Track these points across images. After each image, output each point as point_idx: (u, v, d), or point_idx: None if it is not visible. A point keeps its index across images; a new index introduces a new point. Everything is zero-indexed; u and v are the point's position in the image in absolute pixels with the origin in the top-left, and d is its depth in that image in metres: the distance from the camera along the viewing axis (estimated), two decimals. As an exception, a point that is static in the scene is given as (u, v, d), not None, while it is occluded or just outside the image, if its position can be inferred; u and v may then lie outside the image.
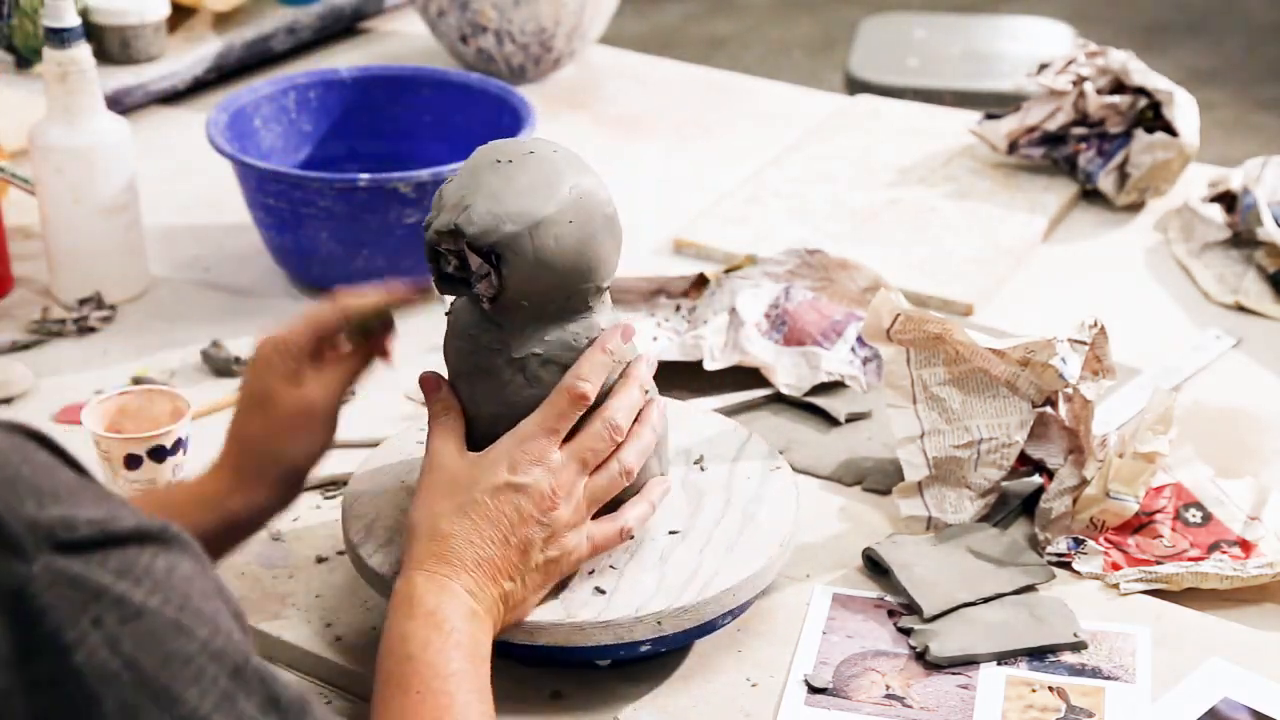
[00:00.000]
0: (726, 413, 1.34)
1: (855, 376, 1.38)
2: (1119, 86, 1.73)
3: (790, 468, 1.19)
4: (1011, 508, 1.25)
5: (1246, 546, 1.19)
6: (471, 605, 0.97)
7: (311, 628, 1.13)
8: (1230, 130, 3.95)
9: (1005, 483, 1.24)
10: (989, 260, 1.61)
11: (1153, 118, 1.72)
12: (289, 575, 1.18)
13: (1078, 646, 1.11)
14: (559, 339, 1.05)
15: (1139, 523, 1.21)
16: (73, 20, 1.44)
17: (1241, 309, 1.54)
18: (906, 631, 1.12)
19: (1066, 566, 1.19)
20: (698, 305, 1.48)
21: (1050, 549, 1.19)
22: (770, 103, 2.03)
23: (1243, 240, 1.60)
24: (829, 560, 1.19)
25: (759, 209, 1.72)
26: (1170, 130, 1.69)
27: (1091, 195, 1.74)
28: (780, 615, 1.14)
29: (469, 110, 1.64)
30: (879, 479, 1.28)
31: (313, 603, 1.15)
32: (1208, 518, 1.22)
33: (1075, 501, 1.20)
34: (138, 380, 1.41)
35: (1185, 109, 1.69)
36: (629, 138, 1.91)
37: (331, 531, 1.21)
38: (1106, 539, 1.20)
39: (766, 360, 1.39)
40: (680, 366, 1.39)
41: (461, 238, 1.02)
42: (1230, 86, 4.25)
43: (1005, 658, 1.10)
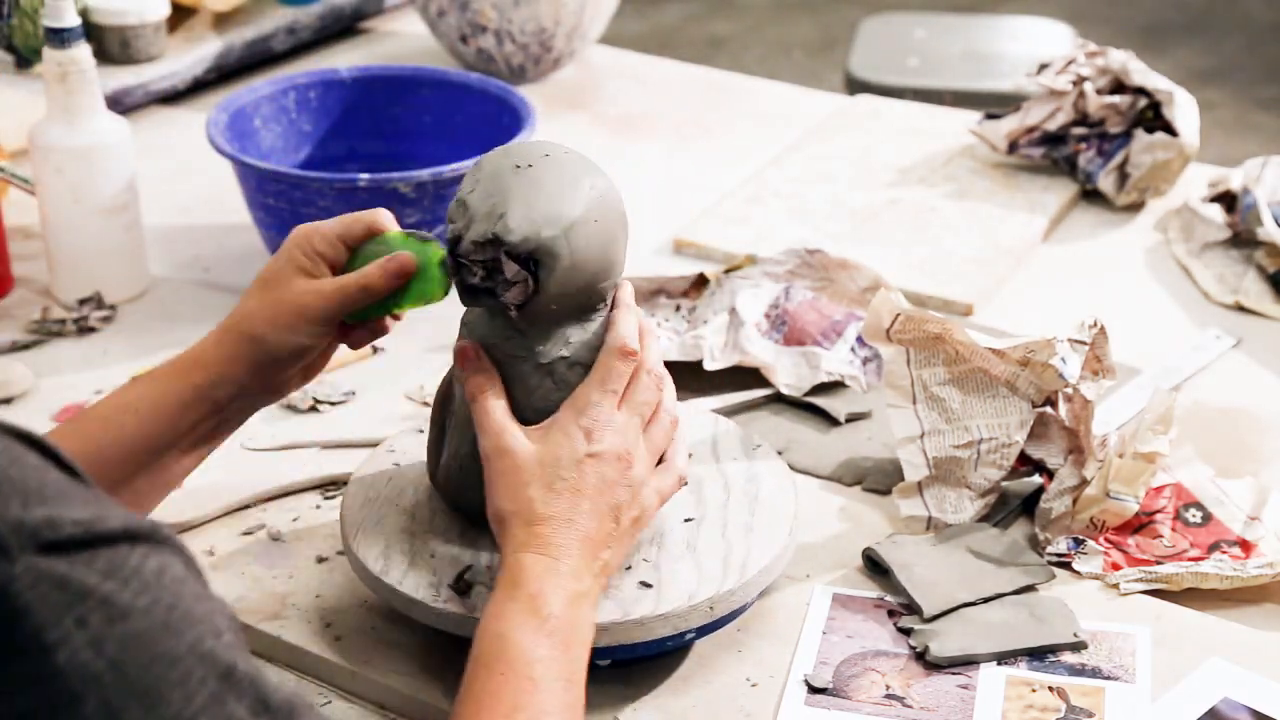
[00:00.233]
0: (726, 413, 1.34)
1: (855, 376, 1.38)
2: (1119, 86, 1.73)
3: (777, 455, 1.20)
4: (1011, 508, 1.25)
5: (1246, 546, 1.19)
6: (575, 589, 0.97)
7: (311, 628, 1.13)
8: (1230, 130, 3.95)
9: (1005, 483, 1.24)
10: (989, 260, 1.61)
11: (1153, 118, 1.72)
12: (289, 575, 1.18)
13: (1078, 646, 1.11)
14: (581, 340, 1.06)
15: (1139, 523, 1.21)
16: (73, 20, 1.44)
17: (1241, 309, 1.54)
18: (906, 631, 1.12)
19: (1066, 566, 1.19)
20: (698, 305, 1.48)
21: (1050, 549, 1.19)
22: (770, 103, 2.03)
23: (1243, 240, 1.60)
24: (829, 560, 1.19)
25: (759, 209, 1.72)
26: (1170, 130, 1.69)
27: (1091, 195, 1.74)
28: (780, 615, 1.14)
29: (469, 110, 1.64)
30: (879, 479, 1.28)
31: (313, 603, 1.15)
32: (1208, 518, 1.22)
33: (1075, 501, 1.20)
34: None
35: (1185, 109, 1.70)
36: (629, 138, 1.91)
37: (331, 531, 1.22)
38: (1106, 539, 1.20)
39: (766, 360, 1.39)
40: (680, 366, 1.39)
41: (499, 246, 1.01)
42: (1230, 86, 4.25)
43: (1005, 658, 1.10)
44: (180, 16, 2.02)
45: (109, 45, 1.91)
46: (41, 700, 0.66)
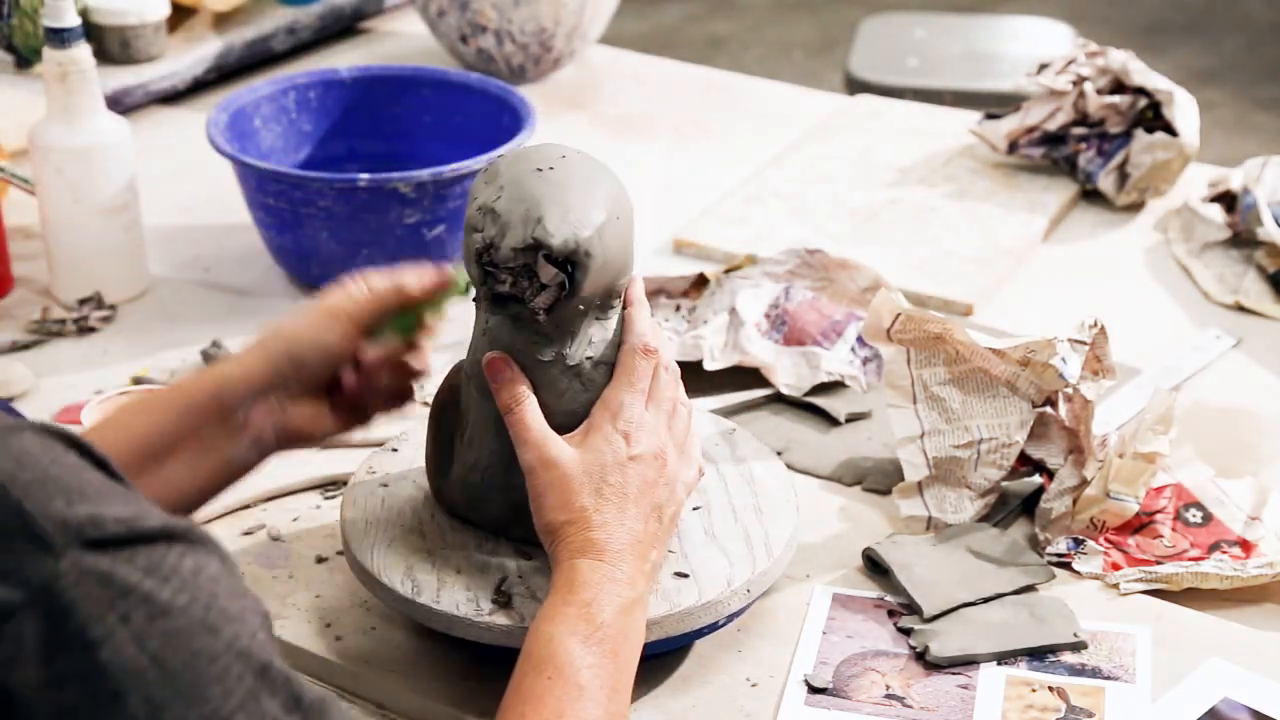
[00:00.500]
0: (726, 413, 1.35)
1: (855, 376, 1.38)
2: (1119, 86, 1.73)
3: (740, 429, 1.22)
4: (1011, 508, 1.25)
5: (1247, 546, 1.19)
6: (630, 596, 0.98)
7: (311, 628, 1.13)
8: (1230, 130, 3.95)
9: (1005, 483, 1.24)
10: (989, 260, 1.61)
11: (1153, 118, 1.72)
12: (289, 575, 1.18)
13: (1078, 646, 1.11)
14: (603, 338, 1.06)
15: (1139, 523, 1.21)
16: (73, 20, 1.44)
17: (1241, 309, 1.54)
18: (906, 631, 1.12)
19: (1066, 566, 1.19)
20: (698, 305, 1.48)
21: (1050, 549, 1.19)
22: (770, 103, 2.03)
23: (1243, 240, 1.60)
24: (829, 560, 1.19)
25: (759, 209, 1.72)
26: (1170, 130, 1.69)
27: (1091, 195, 1.74)
28: (780, 615, 1.14)
29: (469, 110, 1.64)
30: (879, 479, 1.28)
31: (313, 603, 1.15)
32: (1208, 518, 1.22)
33: (1075, 502, 1.20)
34: (138, 380, 1.41)
35: (1185, 109, 1.69)
36: (629, 138, 1.91)
37: (331, 531, 1.22)
38: (1106, 539, 1.20)
39: (766, 360, 1.39)
40: (680, 366, 1.38)
41: (538, 251, 1.01)
42: (1230, 86, 4.25)
43: (1005, 658, 1.10)
44: (180, 16, 2.01)
45: (109, 45, 1.91)
46: (85, 696, 0.67)
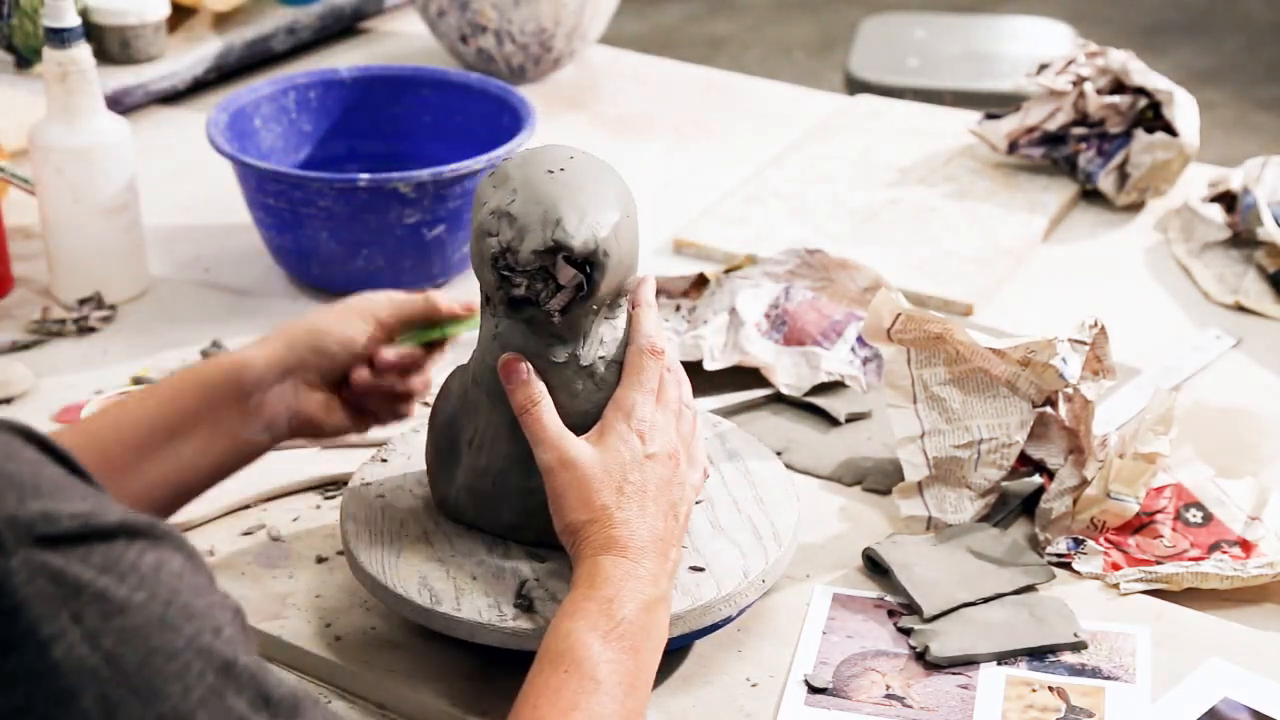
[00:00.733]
0: (726, 413, 1.35)
1: (855, 376, 1.37)
2: (1119, 86, 1.73)
3: (737, 429, 1.23)
4: (1011, 508, 1.25)
5: (1247, 546, 1.19)
6: (653, 593, 0.98)
7: (311, 628, 1.13)
8: (1230, 130, 3.95)
9: (1005, 483, 1.24)
10: (989, 260, 1.61)
11: (1153, 118, 1.72)
12: (289, 575, 1.18)
13: (1078, 646, 1.11)
14: (613, 337, 1.06)
15: (1139, 523, 1.21)
16: (73, 20, 1.44)
17: (1241, 309, 1.54)
18: (906, 631, 1.12)
19: (1066, 566, 1.19)
20: (698, 305, 1.48)
21: (1050, 549, 1.19)
22: (770, 103, 2.03)
23: (1243, 240, 1.60)
24: (829, 560, 1.19)
25: (759, 209, 1.72)
26: (1170, 130, 1.69)
27: (1091, 195, 1.74)
28: (780, 615, 1.14)
29: (469, 110, 1.64)
30: (879, 479, 1.28)
31: (313, 603, 1.15)
32: (1208, 518, 1.22)
33: (1075, 502, 1.20)
34: (138, 380, 1.41)
35: (1185, 109, 1.69)
36: (629, 138, 1.91)
37: (331, 531, 1.22)
38: (1107, 539, 1.20)
39: (766, 360, 1.39)
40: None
41: (558, 253, 1.00)
42: (1230, 86, 4.25)
43: (1005, 658, 1.10)
44: (180, 16, 2.02)
45: (109, 45, 1.91)
46: (39, 695, 0.66)
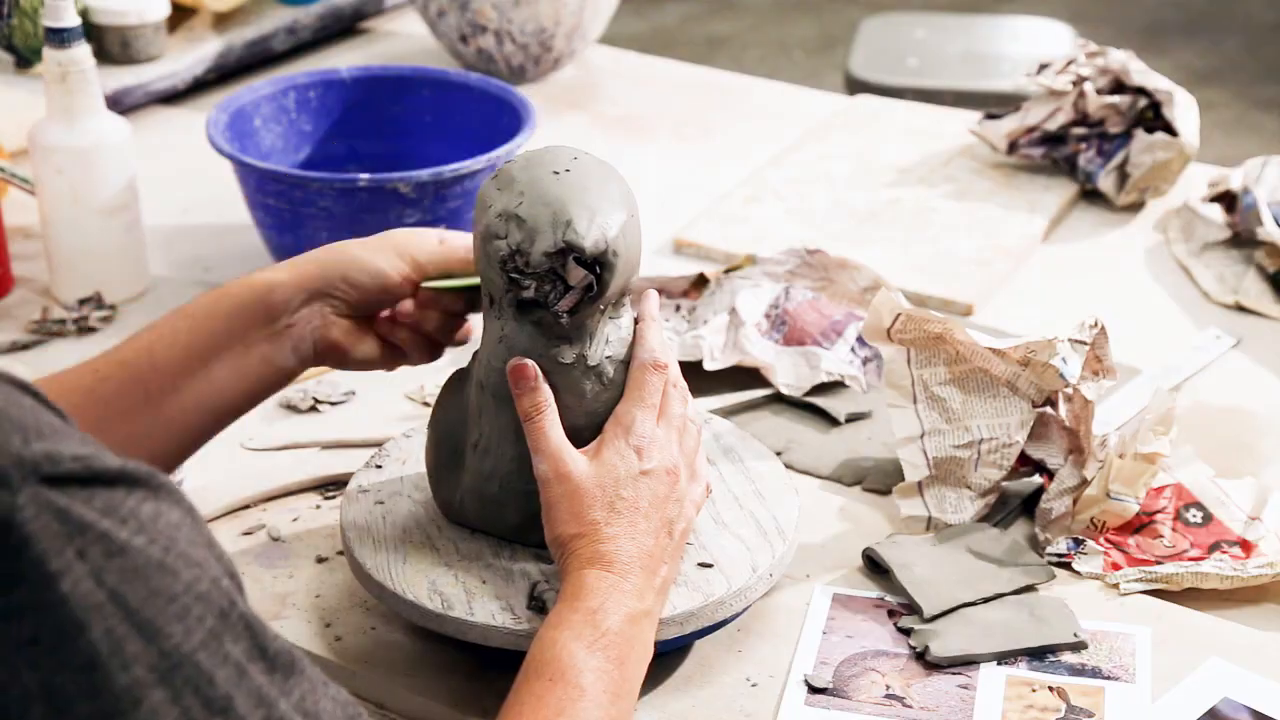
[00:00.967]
0: (726, 413, 1.34)
1: (855, 376, 1.37)
2: (1119, 86, 1.73)
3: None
4: (1011, 508, 1.25)
5: (1247, 546, 1.19)
6: (638, 607, 0.98)
7: (311, 628, 1.13)
8: (1230, 130, 3.95)
9: (1005, 483, 1.24)
10: (989, 260, 1.61)
11: (1153, 118, 1.72)
12: (289, 575, 1.18)
13: (1078, 646, 1.11)
14: (618, 336, 1.06)
15: (1139, 523, 1.21)
16: (73, 20, 1.44)
17: (1241, 309, 1.54)
18: (906, 631, 1.12)
19: (1066, 566, 1.19)
20: (697, 305, 1.48)
21: (1050, 549, 1.19)
22: (770, 103, 2.03)
23: (1243, 240, 1.60)
24: (829, 560, 1.19)
25: (759, 209, 1.72)
26: (1170, 130, 1.69)
27: (1091, 195, 1.74)
28: (780, 615, 1.14)
29: (469, 110, 1.64)
30: (879, 479, 1.28)
31: (313, 603, 1.15)
32: (1208, 518, 1.22)
33: (1075, 502, 1.20)
34: (138, 380, 1.41)
35: (1185, 109, 1.69)
36: (629, 138, 1.91)
37: (331, 531, 1.22)
38: (1107, 539, 1.20)
39: (766, 360, 1.39)
40: (680, 367, 1.38)
41: (569, 254, 1.00)
42: (1230, 86, 4.25)
43: (1005, 658, 1.10)
44: (180, 16, 2.02)
45: (109, 45, 1.91)
46: (47, 627, 0.67)
